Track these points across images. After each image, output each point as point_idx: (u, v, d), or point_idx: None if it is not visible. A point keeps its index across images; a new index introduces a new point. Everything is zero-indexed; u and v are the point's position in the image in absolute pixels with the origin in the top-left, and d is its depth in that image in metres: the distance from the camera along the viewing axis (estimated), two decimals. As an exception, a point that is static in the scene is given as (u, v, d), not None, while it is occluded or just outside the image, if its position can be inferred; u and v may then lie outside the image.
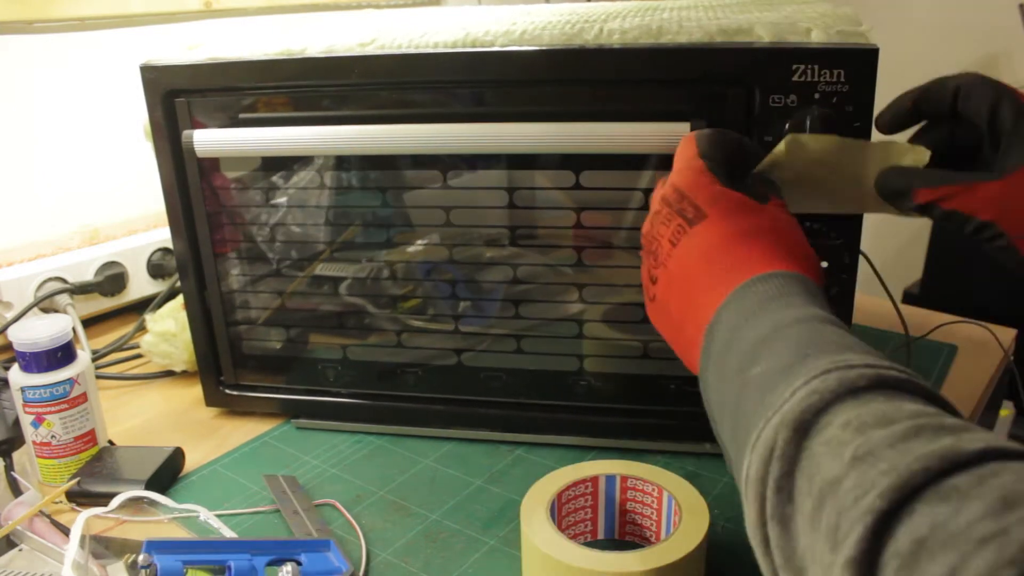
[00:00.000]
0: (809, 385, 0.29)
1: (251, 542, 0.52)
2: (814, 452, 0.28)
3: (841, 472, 0.26)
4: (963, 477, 0.24)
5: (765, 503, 0.29)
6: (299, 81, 0.60)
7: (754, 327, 0.35)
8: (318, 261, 0.66)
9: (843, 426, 0.28)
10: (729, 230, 0.39)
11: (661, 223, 0.42)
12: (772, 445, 0.29)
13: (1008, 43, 1.92)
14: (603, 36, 0.56)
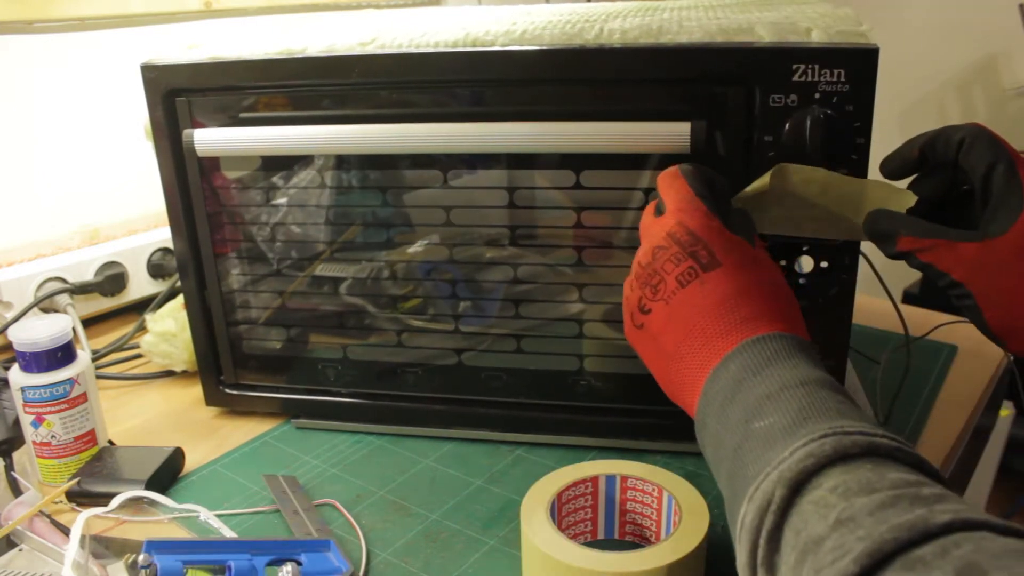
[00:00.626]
0: (807, 448, 0.33)
1: (251, 542, 0.52)
2: (803, 510, 0.31)
3: (824, 532, 0.29)
4: (929, 547, 0.27)
5: (757, 550, 0.32)
6: (300, 80, 0.60)
7: (761, 383, 0.37)
8: (318, 261, 0.66)
9: (831, 489, 0.31)
10: (742, 284, 0.42)
11: (668, 260, 0.43)
12: (769, 499, 0.32)
13: (1008, 43, 1.92)
14: (603, 36, 0.56)
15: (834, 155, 0.51)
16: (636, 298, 0.45)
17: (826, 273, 0.54)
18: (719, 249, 0.43)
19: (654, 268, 0.44)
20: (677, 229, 0.44)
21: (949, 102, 2.04)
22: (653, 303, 0.43)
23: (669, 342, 0.42)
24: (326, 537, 0.54)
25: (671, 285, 0.43)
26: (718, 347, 0.40)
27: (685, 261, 0.43)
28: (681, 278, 0.42)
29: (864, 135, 0.51)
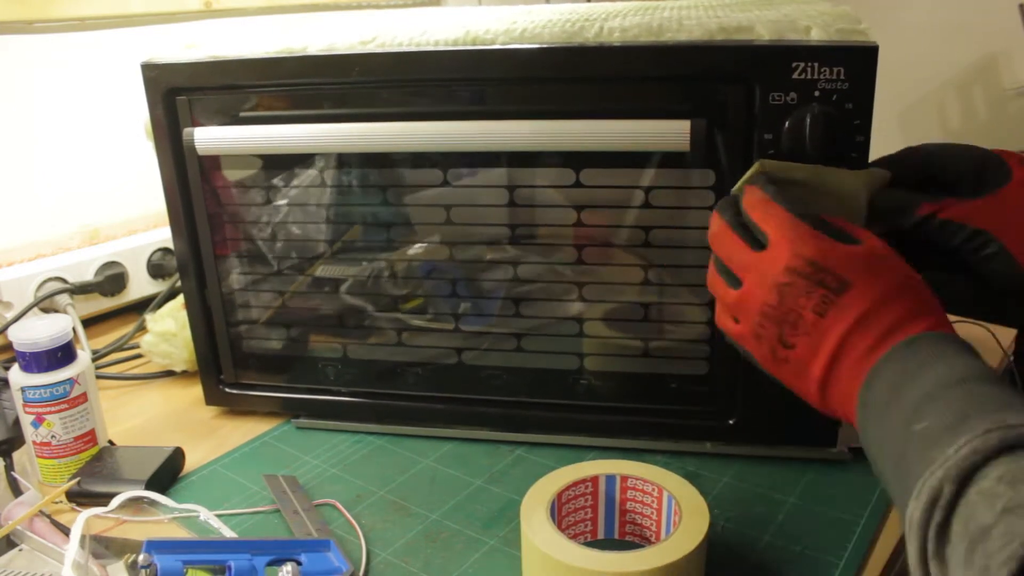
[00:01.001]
0: (971, 444, 0.33)
1: (251, 542, 0.52)
2: (970, 500, 0.32)
3: (992, 521, 0.30)
4: None
5: (927, 543, 0.33)
6: (300, 79, 0.60)
7: (918, 386, 0.38)
8: (319, 261, 0.66)
9: (997, 480, 0.31)
10: (876, 295, 0.42)
11: (799, 296, 0.44)
12: (937, 495, 0.33)
13: (1008, 43, 1.92)
14: (604, 34, 0.56)
15: (834, 153, 0.51)
16: (774, 336, 0.45)
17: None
18: (843, 269, 0.43)
19: (787, 307, 0.44)
20: (795, 262, 0.44)
21: (949, 102, 2.04)
22: (796, 338, 0.44)
23: (818, 368, 0.43)
24: (326, 537, 0.54)
25: (809, 318, 0.43)
26: (869, 359, 0.41)
27: (816, 291, 0.43)
28: (817, 308, 0.43)
29: (864, 133, 0.51)
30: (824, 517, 0.55)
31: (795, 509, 0.56)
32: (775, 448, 0.62)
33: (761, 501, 0.57)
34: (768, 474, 0.60)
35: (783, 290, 0.44)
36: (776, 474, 0.60)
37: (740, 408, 0.61)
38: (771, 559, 0.51)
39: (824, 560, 0.51)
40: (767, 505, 0.57)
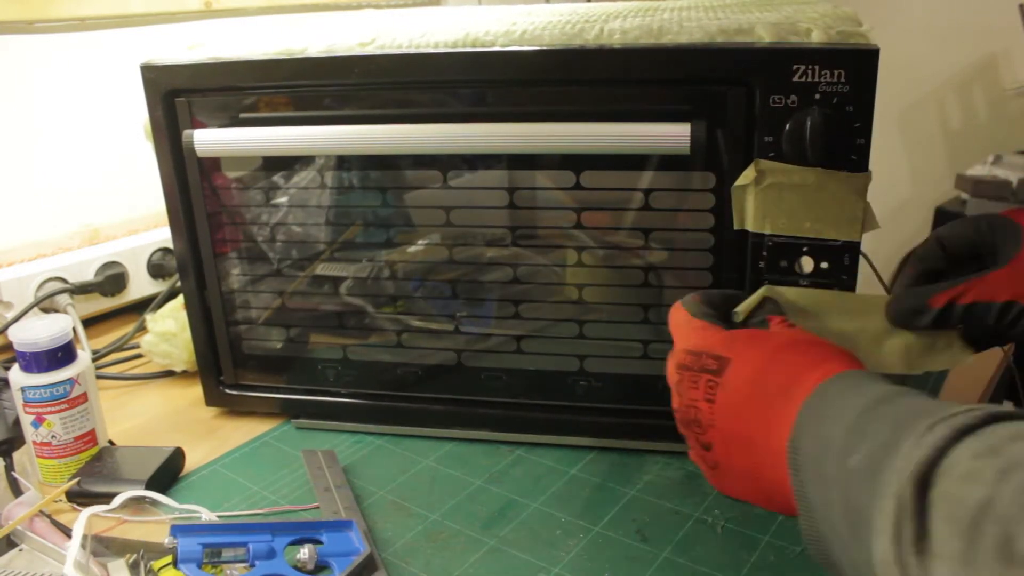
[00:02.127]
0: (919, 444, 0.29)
1: (272, 523, 0.52)
2: (950, 492, 0.28)
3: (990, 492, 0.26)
4: None
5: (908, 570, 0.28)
6: (299, 81, 0.60)
7: (837, 423, 0.35)
8: (318, 261, 0.66)
9: (974, 457, 0.28)
10: (759, 359, 0.40)
11: (688, 389, 0.43)
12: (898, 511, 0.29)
13: (1008, 43, 1.92)
14: (604, 36, 0.56)
15: (834, 155, 0.51)
16: (695, 444, 0.44)
17: (827, 274, 0.54)
18: (721, 348, 0.42)
19: (685, 405, 0.43)
20: (681, 357, 0.44)
21: (949, 102, 2.04)
22: (706, 436, 0.42)
23: (739, 460, 0.41)
24: (352, 517, 0.54)
25: (705, 409, 0.42)
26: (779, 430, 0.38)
27: (701, 378, 0.42)
28: (707, 396, 0.41)
29: (864, 135, 0.51)
30: (823, 518, 0.55)
31: (794, 510, 0.56)
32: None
33: (761, 502, 0.57)
34: (767, 475, 0.60)
35: (679, 388, 0.44)
36: (775, 475, 0.60)
37: (740, 409, 0.61)
38: (771, 559, 0.52)
39: (823, 561, 0.51)
40: (767, 506, 0.57)
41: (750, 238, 0.55)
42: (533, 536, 0.55)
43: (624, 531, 0.55)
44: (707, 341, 0.43)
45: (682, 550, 0.53)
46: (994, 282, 0.45)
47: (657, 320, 0.61)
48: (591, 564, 0.52)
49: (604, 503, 0.58)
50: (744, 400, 0.40)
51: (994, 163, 1.65)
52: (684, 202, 0.58)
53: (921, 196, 2.03)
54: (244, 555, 0.50)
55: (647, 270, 0.60)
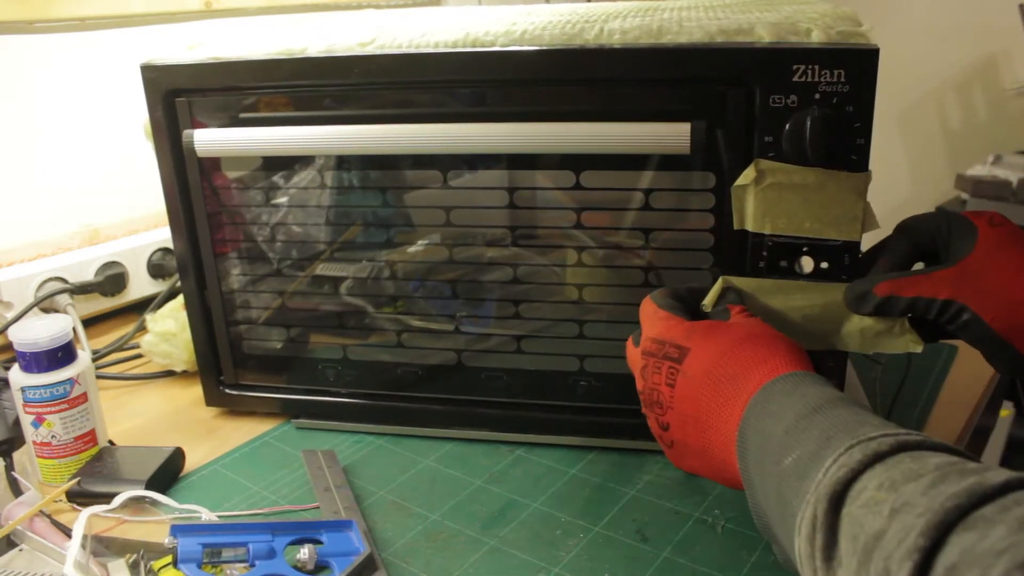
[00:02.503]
0: (838, 463, 0.34)
1: (272, 523, 0.53)
2: (855, 515, 0.32)
3: (883, 525, 0.30)
4: (989, 508, 0.28)
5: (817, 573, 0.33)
6: (300, 81, 0.60)
7: (779, 424, 0.39)
8: (318, 261, 0.66)
9: (877, 488, 0.31)
10: (715, 351, 0.44)
11: (652, 374, 0.47)
12: (813, 520, 0.33)
13: (1008, 43, 1.92)
14: (604, 36, 0.56)
15: (834, 155, 0.51)
16: (654, 424, 0.48)
17: (827, 273, 0.54)
18: (682, 339, 0.46)
19: (648, 387, 0.47)
20: (646, 344, 0.48)
21: (949, 102, 2.04)
22: (665, 417, 0.46)
23: (693, 440, 0.45)
24: (352, 517, 0.54)
25: (666, 392, 0.46)
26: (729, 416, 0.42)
27: (663, 364, 0.46)
28: (668, 380, 0.46)
29: (864, 135, 0.51)
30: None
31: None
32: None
33: (760, 502, 0.57)
34: (767, 475, 0.60)
35: (644, 373, 0.48)
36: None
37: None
38: (771, 559, 0.52)
39: (823, 561, 0.51)
40: (766, 506, 0.57)
41: (750, 238, 0.55)
42: (533, 536, 0.55)
43: (624, 531, 0.55)
44: (670, 331, 0.47)
45: (682, 550, 0.53)
46: (938, 280, 0.48)
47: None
48: (591, 564, 0.52)
49: (604, 503, 0.58)
50: (700, 387, 0.44)
51: (994, 163, 1.65)
52: (684, 202, 0.58)
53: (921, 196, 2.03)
54: (244, 555, 0.50)
55: (647, 270, 0.60)
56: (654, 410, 0.47)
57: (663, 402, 0.46)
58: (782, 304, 0.55)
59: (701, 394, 0.44)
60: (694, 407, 0.44)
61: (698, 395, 0.44)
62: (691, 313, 0.50)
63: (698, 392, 0.44)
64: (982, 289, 0.48)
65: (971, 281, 0.48)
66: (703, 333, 0.46)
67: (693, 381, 0.44)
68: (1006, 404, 1.38)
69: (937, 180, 1.98)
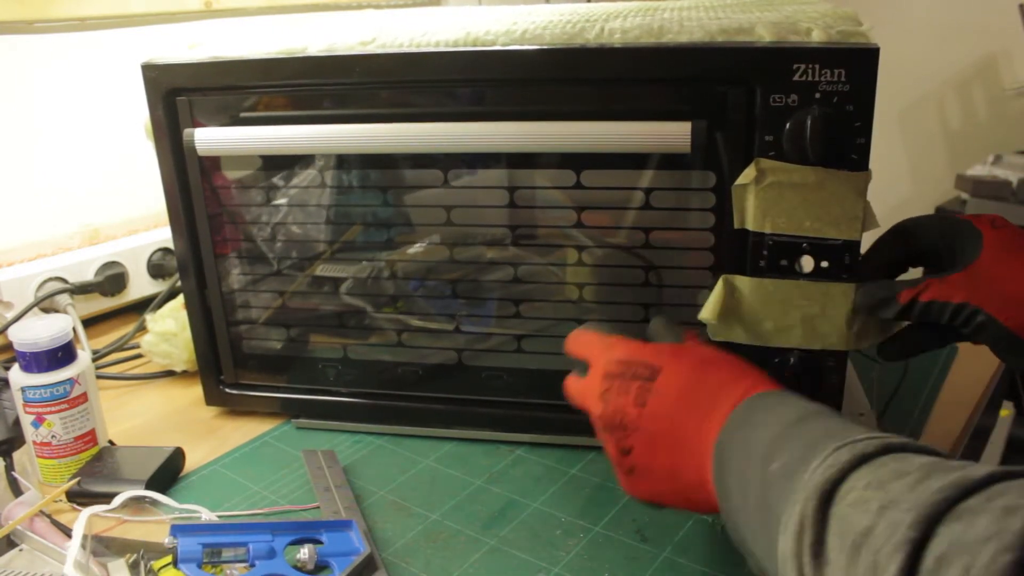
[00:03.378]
0: (825, 463, 0.34)
1: (272, 523, 0.53)
2: (842, 514, 0.32)
3: (872, 522, 0.31)
4: (974, 499, 0.29)
5: (803, 570, 0.33)
6: (300, 80, 0.60)
7: (765, 432, 0.39)
8: (319, 261, 0.66)
9: (865, 487, 0.32)
10: (689, 369, 0.45)
11: (617, 396, 0.46)
12: (802, 518, 0.33)
13: (1008, 43, 1.92)
14: (604, 35, 0.56)
15: (834, 155, 0.51)
16: (614, 450, 0.47)
17: (827, 273, 0.54)
18: (652, 359, 0.46)
19: (611, 410, 0.46)
20: (609, 367, 0.47)
21: (949, 102, 2.04)
22: (628, 439, 0.45)
23: (661, 461, 0.44)
24: (352, 517, 0.54)
25: (633, 412, 0.45)
26: (707, 431, 0.42)
27: (632, 384, 0.46)
28: (637, 400, 0.45)
29: (864, 135, 0.51)
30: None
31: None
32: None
33: (761, 502, 0.57)
34: (768, 475, 0.60)
35: (606, 396, 0.47)
36: (776, 475, 0.60)
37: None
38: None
39: (824, 561, 0.51)
40: (767, 506, 0.57)
41: (750, 237, 0.55)
42: (533, 536, 0.55)
43: (624, 531, 0.55)
44: (636, 352, 0.47)
45: (682, 550, 0.53)
46: (952, 284, 0.49)
47: (657, 320, 0.61)
48: (591, 564, 0.52)
49: (604, 503, 0.58)
50: (675, 404, 0.44)
51: (994, 163, 1.65)
52: (684, 201, 0.58)
53: (921, 196, 2.03)
54: (244, 555, 0.50)
55: (647, 269, 0.60)
56: (616, 434, 0.46)
57: (628, 424, 0.45)
58: (782, 303, 0.55)
59: (677, 411, 0.44)
60: (668, 424, 0.44)
61: (673, 412, 0.44)
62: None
63: (673, 409, 0.44)
64: (994, 290, 0.49)
65: (983, 283, 0.49)
66: (672, 352, 0.47)
67: (667, 399, 0.44)
68: (1006, 404, 1.38)
69: (937, 180, 1.98)
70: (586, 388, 0.49)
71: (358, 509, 0.57)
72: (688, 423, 0.43)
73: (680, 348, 0.48)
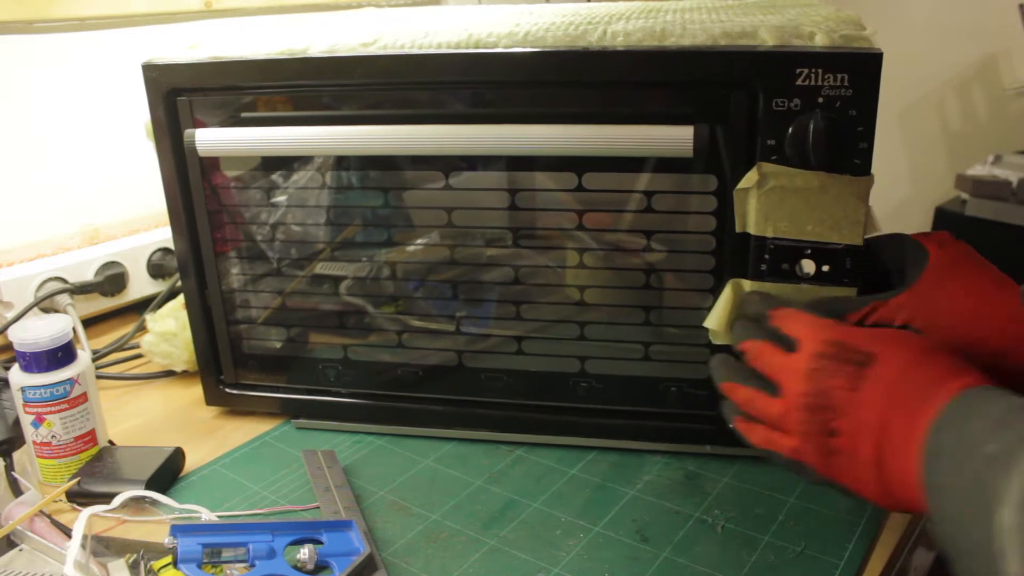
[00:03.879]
0: None
1: (272, 523, 0.53)
2: None
3: None
4: None
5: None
6: (301, 81, 0.60)
7: (982, 420, 0.38)
8: (318, 260, 0.66)
9: None
10: (906, 358, 0.44)
11: (827, 377, 0.45)
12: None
13: (1008, 43, 1.92)
14: (607, 38, 0.56)
15: (836, 159, 0.51)
16: (819, 427, 0.46)
17: (828, 277, 0.55)
18: (867, 344, 0.46)
19: (821, 391, 0.46)
20: (821, 347, 0.46)
21: (949, 102, 2.04)
22: (838, 422, 0.45)
23: (867, 449, 0.44)
24: (352, 517, 0.54)
25: (844, 397, 0.45)
26: (919, 423, 0.41)
27: (844, 368, 0.45)
28: (849, 385, 0.45)
29: (867, 140, 0.51)
30: (824, 517, 0.56)
31: (795, 509, 0.56)
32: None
33: (761, 501, 0.57)
34: (768, 474, 0.60)
35: (815, 375, 0.46)
36: (776, 474, 0.60)
37: (740, 411, 0.61)
38: (771, 558, 0.52)
39: (824, 560, 0.51)
40: (767, 505, 0.57)
41: (752, 241, 0.55)
42: (533, 536, 0.55)
43: (624, 531, 0.55)
44: (852, 337, 0.46)
45: (682, 550, 0.53)
46: (894, 307, 0.51)
47: (658, 322, 0.61)
48: (591, 564, 0.52)
49: (604, 503, 0.58)
50: (888, 394, 0.43)
51: (994, 163, 1.65)
52: (686, 204, 0.58)
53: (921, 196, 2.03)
54: (244, 555, 0.50)
55: (648, 272, 0.60)
56: (822, 415, 0.45)
57: (838, 406, 0.45)
58: None
59: (890, 401, 0.43)
60: (878, 414, 0.43)
61: (886, 402, 0.43)
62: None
63: (886, 399, 0.43)
64: (932, 311, 0.50)
65: (922, 304, 0.50)
66: (890, 340, 0.46)
67: (880, 387, 0.44)
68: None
69: (937, 180, 1.98)
70: (788, 363, 0.48)
71: (358, 509, 0.57)
72: (899, 415, 0.42)
73: (899, 336, 0.47)
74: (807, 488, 0.59)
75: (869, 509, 0.56)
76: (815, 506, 0.57)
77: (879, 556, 0.52)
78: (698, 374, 0.61)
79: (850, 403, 0.44)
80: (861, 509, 0.56)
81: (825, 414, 0.45)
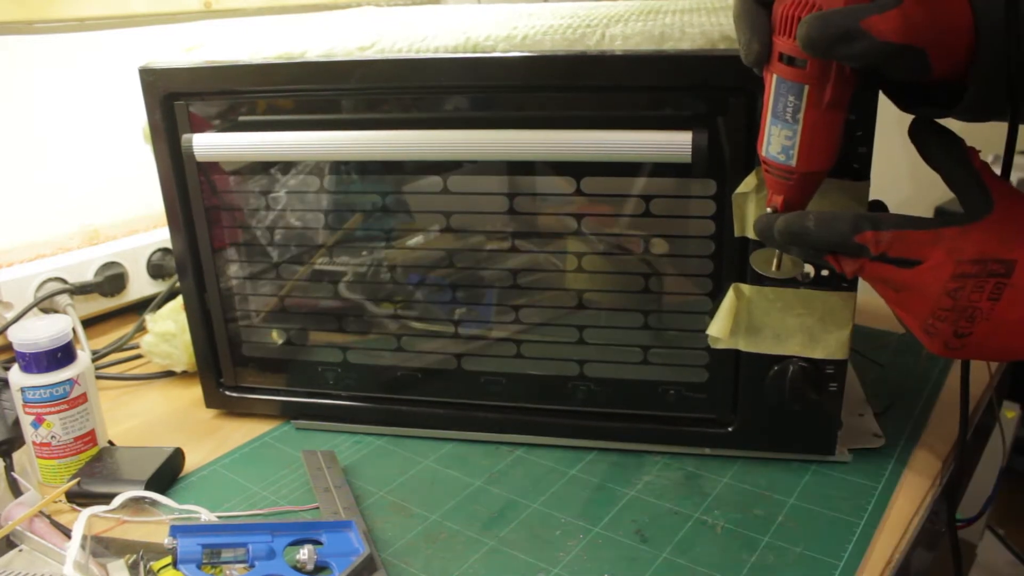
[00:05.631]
0: None
1: (271, 524, 0.53)
2: None
3: None
4: None
5: None
6: (299, 85, 0.60)
7: None
8: (317, 257, 0.66)
9: None
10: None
11: (971, 293, 0.47)
12: None
13: (1008, 43, 1.91)
14: (605, 42, 0.56)
15: (836, 164, 0.51)
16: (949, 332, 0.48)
17: (827, 281, 0.55)
18: (1004, 252, 0.46)
19: (961, 306, 0.47)
20: (960, 268, 0.47)
21: (949, 102, 2.04)
22: (972, 327, 0.47)
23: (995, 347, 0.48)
24: (352, 517, 0.54)
25: (986, 306, 0.46)
26: None
27: (987, 282, 0.46)
28: (992, 295, 0.46)
29: (866, 144, 0.52)
30: (824, 517, 0.56)
31: (795, 509, 0.56)
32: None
33: (761, 501, 0.57)
34: (768, 475, 0.60)
35: (955, 294, 0.47)
36: (776, 475, 0.60)
37: (739, 416, 0.61)
38: (771, 559, 0.52)
39: (824, 560, 0.52)
40: (767, 505, 0.57)
41: (751, 245, 0.55)
42: (533, 536, 0.55)
43: (624, 531, 0.55)
44: (987, 248, 0.46)
45: (682, 550, 0.53)
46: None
47: (657, 325, 0.61)
48: (591, 564, 0.52)
49: (604, 503, 0.58)
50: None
51: (994, 163, 1.64)
52: (685, 208, 0.58)
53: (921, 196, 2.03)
54: (244, 555, 0.50)
55: (647, 276, 0.60)
56: (958, 324, 0.47)
57: (979, 316, 0.47)
58: (782, 312, 0.55)
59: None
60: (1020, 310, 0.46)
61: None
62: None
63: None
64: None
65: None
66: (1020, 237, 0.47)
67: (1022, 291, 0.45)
68: (1013, 406, 1.38)
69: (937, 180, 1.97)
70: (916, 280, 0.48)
71: (358, 510, 0.57)
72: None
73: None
74: (807, 489, 0.59)
75: (869, 509, 0.56)
76: (815, 507, 0.57)
77: (879, 556, 0.52)
78: (697, 378, 0.61)
79: (992, 310, 0.46)
80: (861, 509, 0.56)
81: (960, 323, 0.47)
